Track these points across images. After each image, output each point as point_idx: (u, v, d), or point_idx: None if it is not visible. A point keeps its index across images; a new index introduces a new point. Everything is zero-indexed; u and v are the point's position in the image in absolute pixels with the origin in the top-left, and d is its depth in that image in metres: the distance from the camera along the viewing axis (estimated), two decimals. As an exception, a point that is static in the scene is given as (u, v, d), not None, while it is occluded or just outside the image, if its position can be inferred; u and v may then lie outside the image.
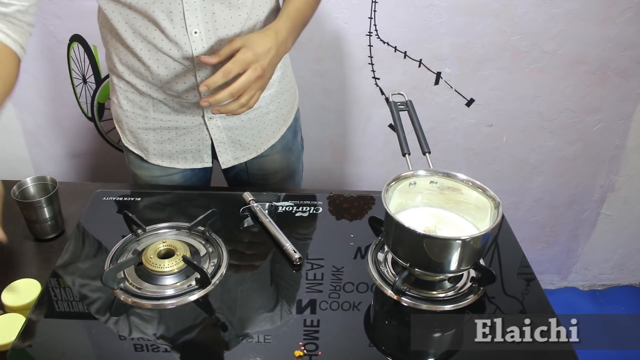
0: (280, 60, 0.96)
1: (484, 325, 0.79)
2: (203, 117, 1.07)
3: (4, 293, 0.85)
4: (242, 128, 1.11)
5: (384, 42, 1.52)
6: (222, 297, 0.83)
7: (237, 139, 1.12)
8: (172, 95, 1.02)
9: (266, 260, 0.91)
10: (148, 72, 0.99)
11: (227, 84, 0.87)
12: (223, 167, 1.15)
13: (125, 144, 1.15)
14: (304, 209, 1.02)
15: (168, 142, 1.10)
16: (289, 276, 0.88)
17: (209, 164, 1.15)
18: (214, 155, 1.14)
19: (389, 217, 0.82)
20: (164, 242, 0.88)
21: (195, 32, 0.94)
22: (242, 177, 1.24)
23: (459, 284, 0.86)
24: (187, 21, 0.92)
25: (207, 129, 1.08)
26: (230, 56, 0.88)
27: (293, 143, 1.24)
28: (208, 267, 0.87)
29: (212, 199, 1.06)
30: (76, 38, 1.52)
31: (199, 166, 1.15)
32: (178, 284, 0.83)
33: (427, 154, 0.93)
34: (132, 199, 1.04)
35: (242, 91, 0.88)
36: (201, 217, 0.93)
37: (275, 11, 1.03)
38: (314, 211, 1.02)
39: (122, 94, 1.06)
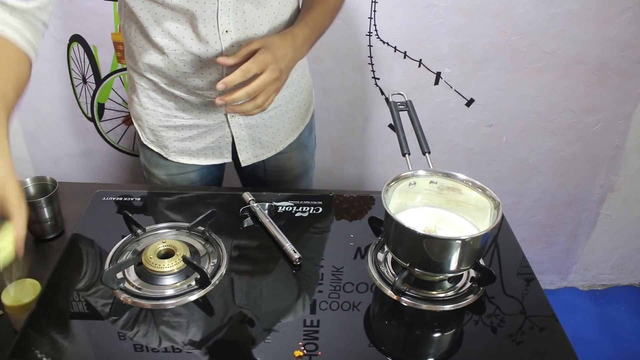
0: (294, 65, 0.97)
1: (484, 325, 0.79)
2: (225, 114, 1.08)
3: (3, 293, 0.85)
4: (263, 126, 1.12)
5: (384, 42, 1.52)
6: (222, 297, 0.83)
7: (258, 136, 1.13)
8: (196, 94, 1.03)
9: (266, 261, 0.91)
10: (173, 70, 1.00)
11: (244, 84, 0.87)
12: (243, 164, 1.16)
13: (144, 142, 1.15)
14: (304, 209, 1.02)
15: (189, 140, 1.11)
16: (288, 276, 0.88)
17: (229, 159, 1.16)
18: (234, 153, 1.15)
19: (388, 217, 0.82)
20: (163, 242, 0.88)
21: (227, 31, 0.94)
22: (258, 174, 1.25)
23: (459, 284, 0.86)
24: (219, 20, 0.93)
25: (229, 126, 1.09)
26: (248, 57, 0.88)
27: (308, 140, 1.26)
28: (208, 267, 0.87)
29: (212, 199, 1.06)
30: (76, 38, 1.52)
31: (219, 162, 1.16)
32: (178, 284, 0.83)
33: (426, 154, 0.93)
34: (132, 199, 1.04)
35: (259, 92, 0.89)
36: (201, 217, 0.93)
37: (297, 11, 1.04)
38: (314, 211, 1.02)
39: (142, 92, 1.06)
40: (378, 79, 1.59)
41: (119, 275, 0.84)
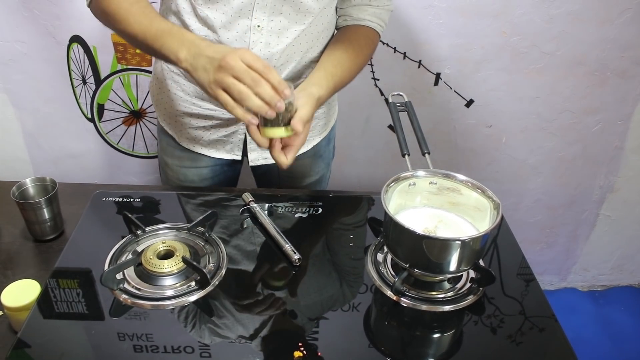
0: None
1: (484, 325, 0.79)
2: None
3: (3, 293, 0.85)
4: None
5: (384, 43, 1.52)
6: (222, 298, 0.83)
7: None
8: None
9: (265, 261, 0.91)
10: None
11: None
12: (251, 164, 1.17)
13: (161, 122, 1.18)
14: (303, 210, 1.03)
15: (202, 130, 1.13)
16: (288, 277, 0.88)
17: (239, 157, 1.17)
18: (244, 153, 1.16)
19: (388, 217, 0.82)
20: (163, 243, 0.88)
21: (258, 26, 0.95)
22: (271, 177, 1.25)
23: (459, 285, 0.86)
24: (254, 13, 0.94)
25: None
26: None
27: (325, 151, 1.26)
28: (207, 268, 0.87)
29: (212, 199, 1.06)
30: (76, 39, 1.52)
31: (229, 157, 1.16)
32: (177, 284, 0.83)
33: (426, 155, 0.93)
34: (131, 199, 1.04)
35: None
36: (201, 217, 0.94)
37: (332, 25, 1.06)
38: (314, 212, 1.02)
39: (168, 73, 1.10)
40: (378, 79, 1.59)
41: (119, 275, 0.84)
